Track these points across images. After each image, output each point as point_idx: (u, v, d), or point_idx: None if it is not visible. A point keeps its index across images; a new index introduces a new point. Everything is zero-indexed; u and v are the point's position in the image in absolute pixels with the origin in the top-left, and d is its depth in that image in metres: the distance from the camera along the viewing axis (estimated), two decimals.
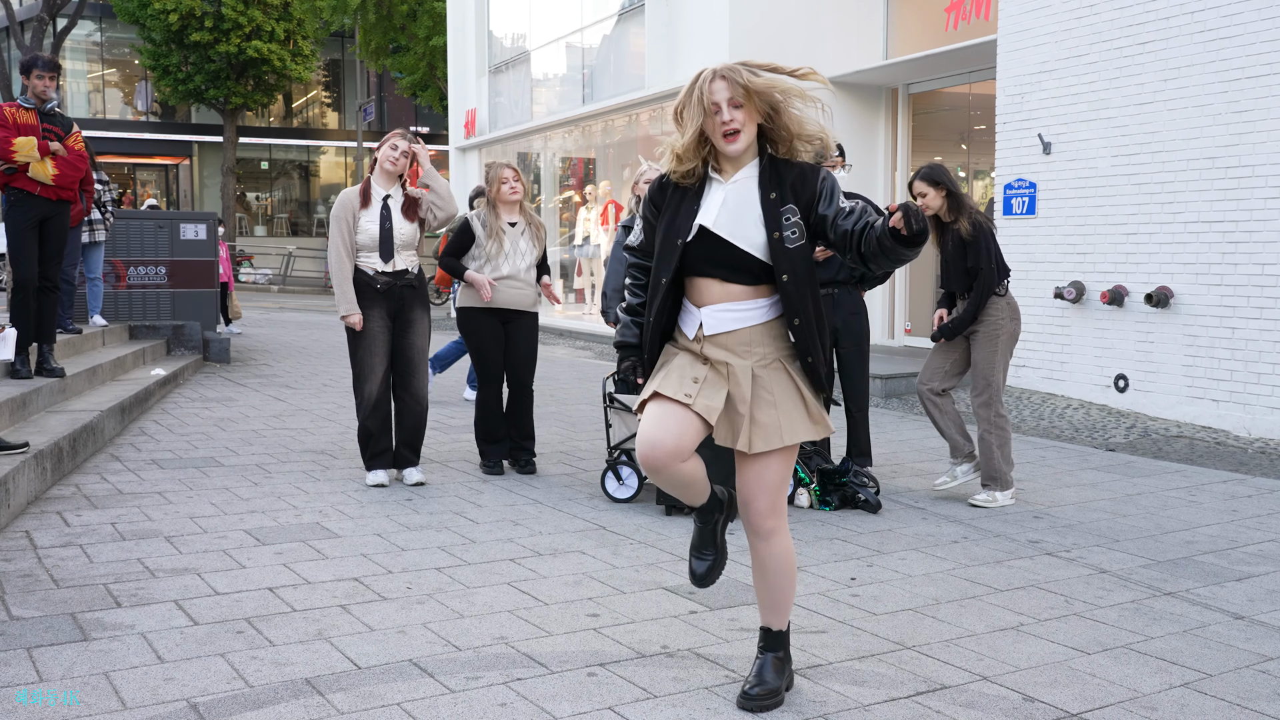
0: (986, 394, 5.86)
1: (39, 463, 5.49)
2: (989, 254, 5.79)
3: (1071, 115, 9.39)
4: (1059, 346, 9.58)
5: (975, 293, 5.80)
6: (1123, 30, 8.92)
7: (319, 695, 3.16)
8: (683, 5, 13.44)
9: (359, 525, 5.14)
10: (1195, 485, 6.51)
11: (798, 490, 5.76)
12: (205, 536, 4.86)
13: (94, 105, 38.28)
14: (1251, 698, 3.31)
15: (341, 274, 5.87)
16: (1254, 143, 8.01)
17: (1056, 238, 9.58)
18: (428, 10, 25.89)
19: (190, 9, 31.12)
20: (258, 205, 40.89)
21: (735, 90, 2.96)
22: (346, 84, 40.94)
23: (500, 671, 3.37)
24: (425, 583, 4.27)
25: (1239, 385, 8.15)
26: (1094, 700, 3.27)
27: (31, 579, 4.17)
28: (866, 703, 3.21)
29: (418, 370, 6.06)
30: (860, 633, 3.82)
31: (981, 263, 5.76)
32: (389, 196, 5.93)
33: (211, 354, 11.56)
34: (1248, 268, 8.08)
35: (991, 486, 5.83)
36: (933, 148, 13.61)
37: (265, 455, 6.76)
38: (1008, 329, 5.85)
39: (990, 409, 5.83)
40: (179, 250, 11.79)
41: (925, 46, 11.96)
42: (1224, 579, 4.56)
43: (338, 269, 5.88)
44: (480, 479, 6.26)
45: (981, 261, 5.76)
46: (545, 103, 17.89)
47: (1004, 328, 5.84)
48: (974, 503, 5.79)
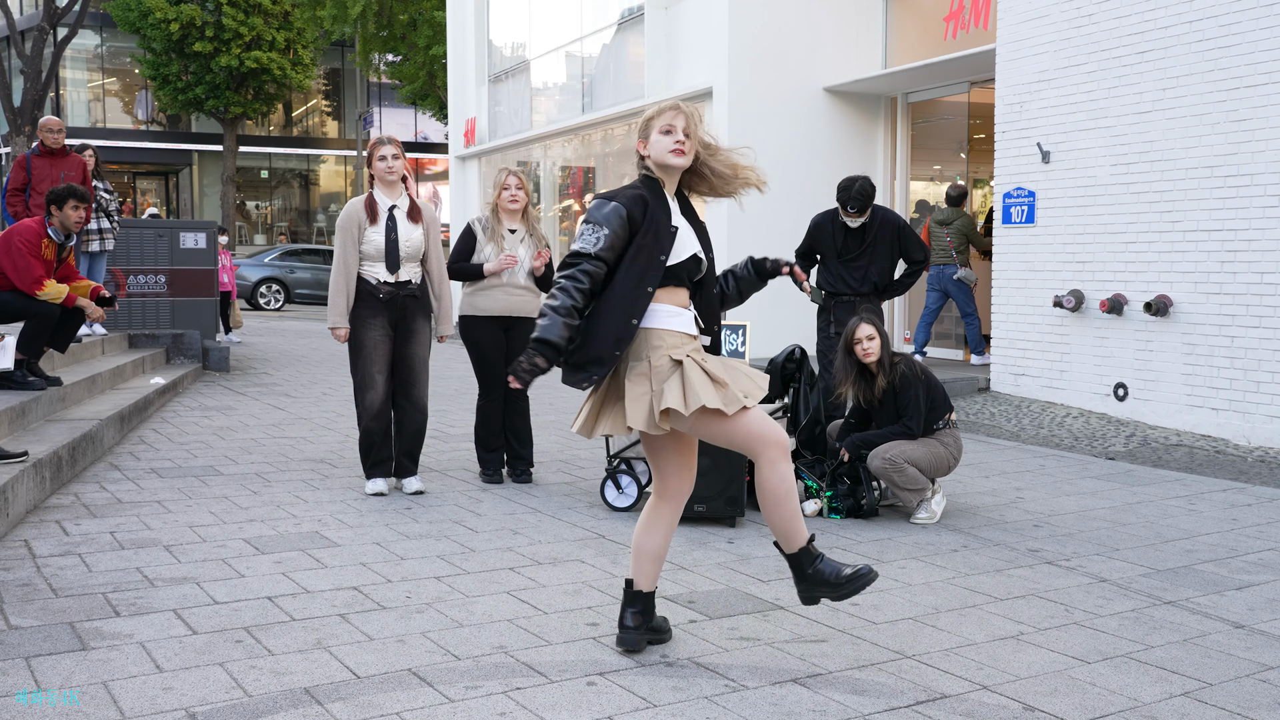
0: (896, 453, 5.55)
1: (38, 472, 5.48)
2: (917, 402, 5.61)
3: (1070, 124, 9.41)
4: (1058, 355, 9.59)
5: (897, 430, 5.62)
6: (1121, 39, 8.94)
7: (318, 705, 3.15)
8: (682, 15, 13.46)
9: (358, 534, 5.13)
10: (1195, 494, 6.50)
11: (806, 499, 5.76)
12: (204, 545, 4.86)
13: (94, 114, 38.33)
14: (1252, 707, 3.31)
15: (339, 286, 5.87)
16: (1252, 151, 8.02)
17: (1055, 246, 9.58)
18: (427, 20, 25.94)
19: (191, 19, 31.18)
20: (258, 214, 40.93)
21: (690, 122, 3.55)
22: (346, 93, 41.01)
23: (500, 681, 3.36)
24: (424, 592, 4.26)
25: (1238, 394, 8.15)
26: (1094, 709, 3.26)
27: (30, 588, 4.16)
28: (867, 712, 3.20)
29: (419, 379, 6.06)
30: (860, 642, 3.81)
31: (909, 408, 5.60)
32: (394, 207, 5.93)
33: (211, 363, 11.56)
34: (1247, 276, 8.08)
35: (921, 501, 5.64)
36: (932, 157, 13.63)
37: (264, 464, 6.76)
38: (948, 449, 5.67)
39: (897, 474, 5.55)
40: (179, 259, 11.79)
41: (924, 55, 11.98)
42: (1224, 588, 4.56)
43: (336, 279, 5.89)
44: (480, 488, 6.25)
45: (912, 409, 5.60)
46: (545, 112, 17.91)
47: (946, 446, 5.67)
48: (915, 521, 5.60)
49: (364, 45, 27.51)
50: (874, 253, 6.51)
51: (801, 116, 12.52)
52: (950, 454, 5.71)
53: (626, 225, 3.44)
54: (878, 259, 6.55)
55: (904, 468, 5.54)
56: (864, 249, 6.53)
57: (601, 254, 3.41)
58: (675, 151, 3.52)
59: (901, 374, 5.64)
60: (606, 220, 3.44)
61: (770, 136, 12.15)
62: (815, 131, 12.58)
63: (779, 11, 12.39)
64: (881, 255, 6.58)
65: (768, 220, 11.17)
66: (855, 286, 6.58)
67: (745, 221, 11.65)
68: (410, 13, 26.31)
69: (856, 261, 6.55)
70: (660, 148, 3.53)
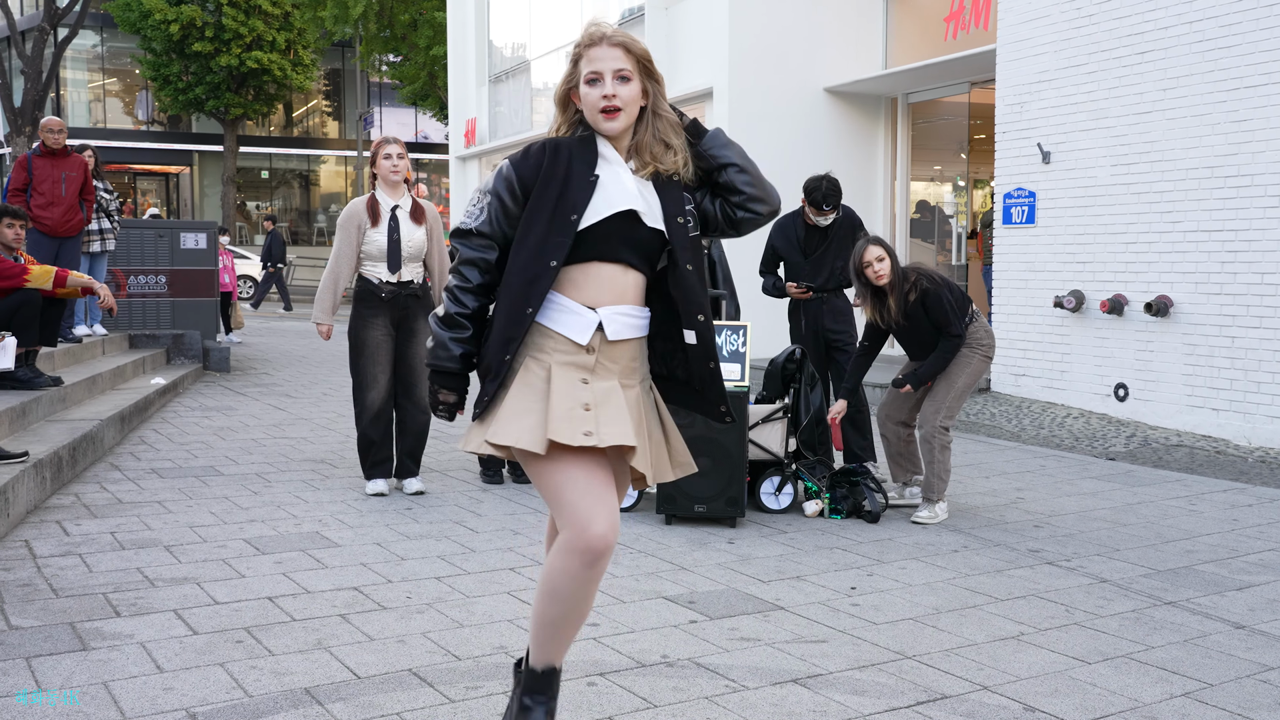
0: (949, 408, 5.68)
1: (38, 472, 5.48)
2: (952, 309, 5.61)
3: (1071, 124, 9.41)
4: (1059, 355, 9.58)
5: (952, 350, 5.64)
6: (1121, 40, 8.94)
7: (318, 705, 3.15)
8: (682, 15, 13.47)
9: (359, 534, 5.13)
10: (1195, 494, 6.50)
11: (806, 500, 5.76)
12: (205, 546, 4.86)
13: (95, 114, 38.35)
14: (1252, 707, 3.31)
15: (328, 283, 5.90)
16: (1253, 152, 8.02)
17: (1056, 247, 9.58)
18: (428, 20, 25.96)
19: (191, 19, 31.20)
20: (258, 214, 40.95)
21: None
22: (347, 93, 41.03)
23: (500, 681, 3.36)
24: (425, 592, 4.26)
25: (1239, 394, 8.15)
26: (1095, 710, 3.26)
27: (31, 588, 4.16)
28: (867, 712, 3.20)
29: (421, 379, 6.06)
30: (860, 642, 3.81)
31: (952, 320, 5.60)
32: (397, 207, 5.94)
33: (211, 363, 11.56)
34: (1247, 277, 8.08)
35: (932, 499, 5.67)
36: (932, 157, 13.63)
37: (265, 464, 6.76)
38: (983, 350, 5.72)
39: (947, 422, 5.68)
40: (179, 259, 11.79)
41: (924, 56, 11.98)
42: (1225, 588, 4.56)
43: (327, 276, 5.91)
44: (480, 488, 6.25)
45: (950, 318, 5.60)
46: (545, 112, 17.91)
47: (981, 347, 5.72)
48: (916, 520, 5.61)
49: (365, 46, 27.53)
50: (837, 249, 6.53)
51: (802, 117, 12.52)
52: (984, 354, 5.71)
53: (517, 185, 2.58)
54: (841, 254, 6.58)
55: (948, 445, 5.63)
56: (827, 245, 6.54)
57: (483, 229, 2.59)
58: (607, 114, 2.58)
59: (924, 290, 5.58)
60: (494, 182, 2.62)
61: (771, 137, 12.16)
62: (816, 132, 12.58)
63: (779, 12, 12.39)
64: (844, 250, 6.61)
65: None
66: (822, 283, 6.59)
67: None
68: (411, 13, 26.34)
69: (821, 259, 6.56)
70: (589, 103, 2.60)
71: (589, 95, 2.57)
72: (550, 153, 2.59)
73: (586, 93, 2.58)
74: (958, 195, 13.68)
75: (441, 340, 2.58)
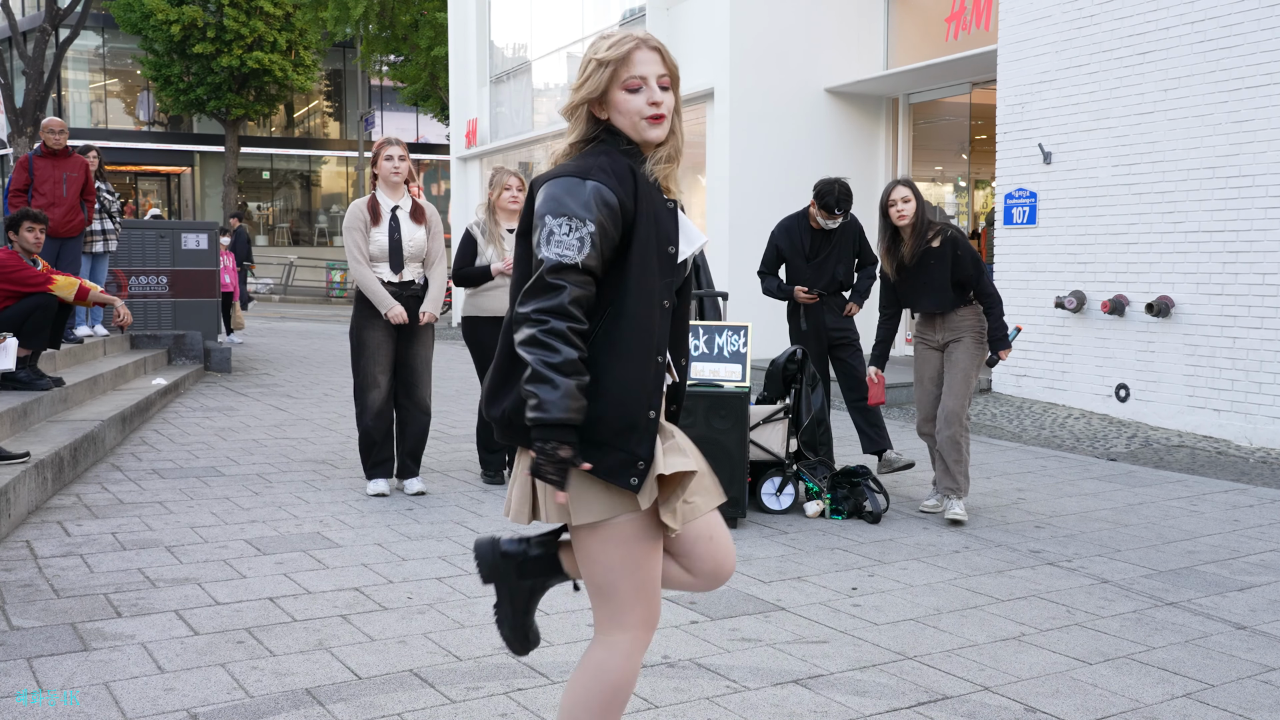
0: (967, 397, 5.71)
1: (40, 472, 5.49)
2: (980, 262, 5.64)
3: (1072, 125, 9.41)
4: (1060, 356, 9.58)
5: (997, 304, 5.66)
6: (1123, 40, 8.94)
7: (319, 705, 3.15)
8: (684, 16, 13.47)
9: (360, 535, 5.13)
10: (1197, 495, 6.50)
11: (808, 500, 5.76)
12: (206, 546, 4.86)
13: (96, 115, 38.38)
14: (1254, 708, 3.31)
15: (367, 278, 5.88)
16: (1254, 152, 8.02)
17: (1057, 247, 9.58)
18: (429, 21, 25.97)
19: (192, 20, 31.22)
20: (259, 215, 40.96)
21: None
22: (348, 94, 41.05)
23: (501, 682, 3.36)
24: (426, 592, 4.26)
25: (1240, 395, 8.14)
26: (1096, 711, 3.26)
27: (32, 589, 4.17)
28: (868, 713, 3.20)
29: (422, 380, 6.07)
30: (861, 643, 3.81)
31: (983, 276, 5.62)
32: (397, 207, 5.95)
33: (212, 363, 11.57)
34: (1249, 277, 8.08)
35: (957, 494, 5.66)
36: (933, 157, 13.63)
37: (266, 465, 6.76)
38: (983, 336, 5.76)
39: (966, 412, 5.72)
40: (180, 260, 11.80)
41: (925, 56, 11.98)
42: (1226, 589, 4.55)
43: (361, 274, 5.90)
44: (481, 488, 6.25)
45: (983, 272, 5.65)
46: (546, 112, 17.91)
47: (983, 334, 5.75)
48: (954, 516, 5.59)
49: (366, 46, 27.54)
50: (839, 253, 6.56)
51: (803, 117, 12.52)
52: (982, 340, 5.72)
53: (620, 214, 2.24)
54: (843, 259, 6.59)
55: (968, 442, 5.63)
56: (831, 249, 6.56)
57: (589, 264, 2.20)
58: (654, 120, 2.32)
59: (954, 237, 5.57)
60: (587, 208, 2.22)
61: (772, 137, 12.15)
62: (817, 132, 12.58)
63: (781, 12, 12.39)
64: (846, 255, 6.62)
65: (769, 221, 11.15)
66: (823, 286, 6.60)
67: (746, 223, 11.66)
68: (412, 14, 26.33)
69: (824, 263, 6.57)
70: (630, 109, 2.32)
71: (631, 101, 2.31)
72: (631, 174, 2.30)
73: (626, 99, 2.31)
74: (959, 196, 13.69)
75: (569, 390, 2.16)
